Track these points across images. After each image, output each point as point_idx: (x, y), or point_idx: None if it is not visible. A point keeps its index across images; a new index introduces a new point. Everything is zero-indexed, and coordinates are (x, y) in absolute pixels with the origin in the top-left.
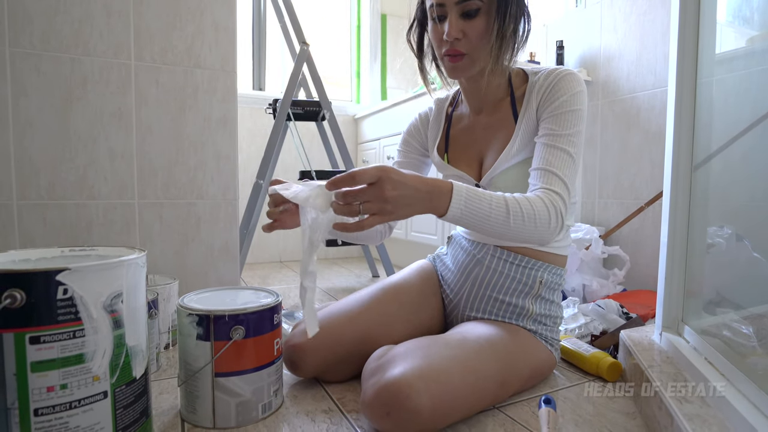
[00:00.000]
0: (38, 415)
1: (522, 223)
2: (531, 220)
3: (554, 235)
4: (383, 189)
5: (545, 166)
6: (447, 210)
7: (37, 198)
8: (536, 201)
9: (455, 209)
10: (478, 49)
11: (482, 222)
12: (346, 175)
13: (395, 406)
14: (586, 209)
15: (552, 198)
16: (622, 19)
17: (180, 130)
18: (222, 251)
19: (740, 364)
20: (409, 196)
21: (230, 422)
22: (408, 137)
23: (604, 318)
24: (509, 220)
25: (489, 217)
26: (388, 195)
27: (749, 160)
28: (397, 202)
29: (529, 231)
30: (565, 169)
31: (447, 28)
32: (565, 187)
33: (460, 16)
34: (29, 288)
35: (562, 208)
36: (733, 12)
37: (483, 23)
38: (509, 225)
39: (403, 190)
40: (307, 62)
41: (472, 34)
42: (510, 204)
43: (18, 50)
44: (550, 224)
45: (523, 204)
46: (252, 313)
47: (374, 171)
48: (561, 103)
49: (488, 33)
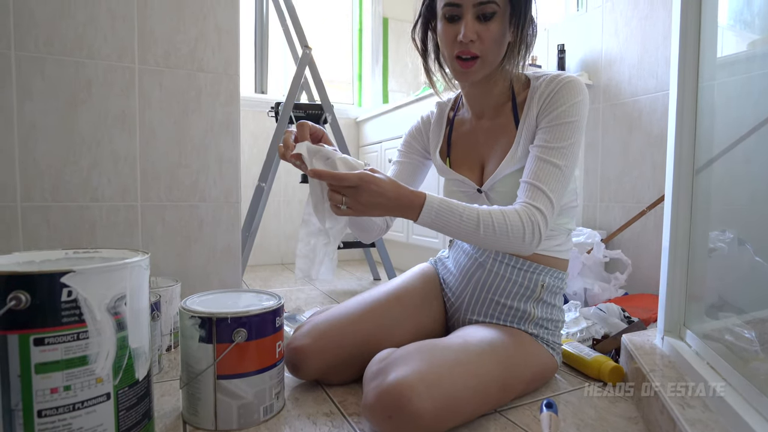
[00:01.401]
0: (42, 416)
1: (493, 234)
2: (503, 232)
3: (532, 248)
4: (360, 195)
5: (532, 180)
6: (417, 219)
7: (41, 200)
8: (511, 214)
9: (426, 217)
10: (490, 53)
11: (453, 232)
12: (330, 174)
13: (397, 410)
14: (588, 213)
15: (531, 213)
16: (623, 23)
17: (183, 133)
18: (224, 253)
19: (742, 369)
20: (380, 204)
21: (232, 425)
22: (410, 139)
23: (606, 322)
24: (479, 231)
25: (459, 228)
26: (362, 200)
27: (751, 163)
28: (370, 205)
29: (502, 242)
30: (552, 183)
31: (463, 29)
32: (549, 202)
33: (476, 18)
34: (34, 290)
35: (541, 223)
36: (734, 16)
37: (498, 27)
38: (479, 235)
39: (376, 198)
40: (309, 65)
41: (486, 37)
42: (482, 216)
43: (23, 54)
44: (525, 238)
45: (496, 217)
46: (254, 315)
47: (355, 179)
48: (558, 113)
49: (502, 36)
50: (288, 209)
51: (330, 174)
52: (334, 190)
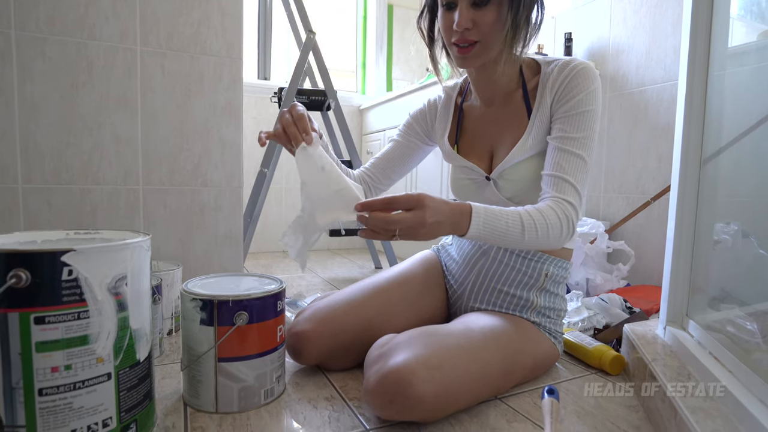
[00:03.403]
0: (42, 395)
1: (536, 236)
2: (544, 232)
3: (565, 242)
4: (424, 216)
5: (558, 173)
6: (467, 230)
7: (42, 182)
8: (549, 213)
9: (474, 230)
10: (490, 38)
11: (500, 238)
12: (381, 201)
13: (398, 394)
14: (592, 204)
15: (564, 208)
16: (632, 11)
17: (185, 116)
18: (226, 238)
19: (745, 359)
20: (442, 222)
21: (233, 407)
22: (412, 121)
23: (608, 312)
24: (524, 235)
25: (506, 234)
26: (428, 221)
27: (758, 155)
28: (433, 227)
29: (542, 242)
30: (578, 174)
31: (457, 17)
32: (578, 194)
33: (471, 5)
34: (34, 268)
35: (574, 217)
36: (745, 6)
37: (494, 12)
38: (524, 239)
39: (439, 217)
40: (313, 51)
41: (483, 23)
42: (524, 220)
43: (24, 33)
44: (562, 233)
45: (537, 218)
46: (256, 299)
47: (414, 197)
48: (576, 102)
49: (500, 22)
50: (290, 196)
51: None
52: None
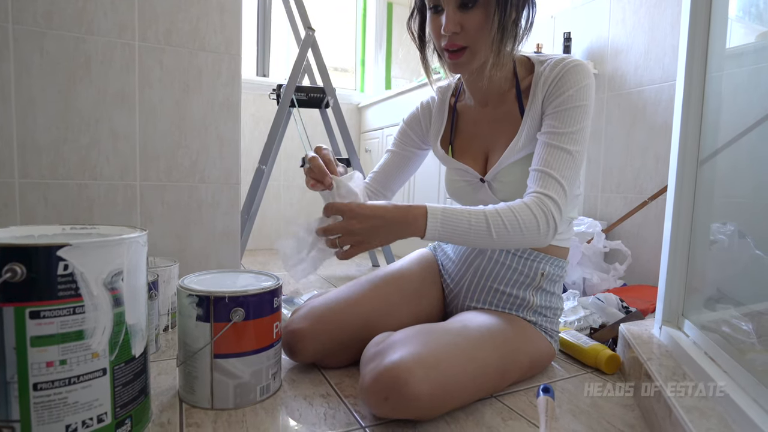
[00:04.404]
0: (37, 389)
1: (506, 233)
2: (516, 229)
3: (548, 239)
4: (349, 223)
5: (543, 167)
6: (424, 232)
7: (39, 177)
8: (521, 210)
9: (432, 230)
10: (478, 42)
11: (464, 238)
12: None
13: (394, 392)
14: (589, 203)
15: (542, 203)
16: (631, 11)
17: (183, 112)
18: (223, 235)
19: (740, 359)
20: (377, 227)
21: (228, 404)
22: (406, 128)
23: (604, 311)
24: (491, 233)
25: (469, 232)
26: (354, 228)
27: (755, 156)
28: (367, 233)
29: (517, 240)
30: (564, 169)
31: (444, 21)
32: (562, 189)
33: (457, 8)
34: (30, 262)
35: (555, 212)
36: (744, 7)
37: (482, 14)
38: (492, 237)
39: (369, 222)
40: (312, 48)
41: (470, 26)
42: (490, 217)
43: (21, 27)
44: (539, 230)
45: (505, 215)
46: (252, 295)
47: (339, 206)
48: (566, 98)
49: (488, 24)
50: (288, 194)
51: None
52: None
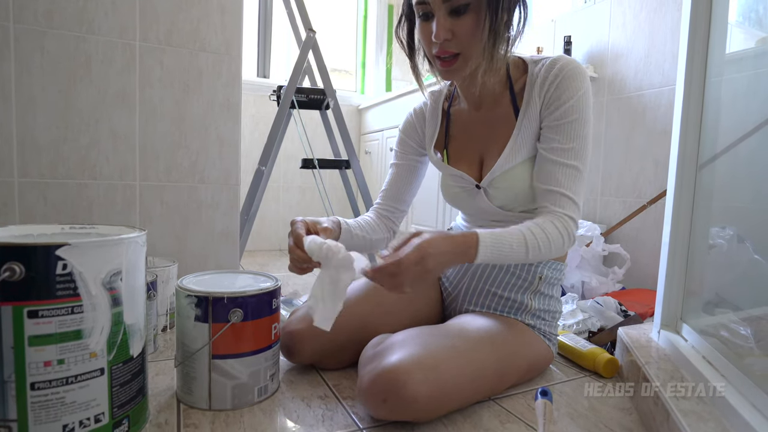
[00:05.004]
0: (35, 389)
1: (539, 252)
2: (547, 247)
3: (566, 252)
4: (426, 265)
5: (554, 187)
6: (476, 258)
7: (39, 176)
8: (551, 229)
9: (482, 257)
10: (470, 48)
11: (504, 259)
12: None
13: (392, 394)
14: (588, 207)
15: (565, 223)
16: (631, 15)
17: (183, 113)
18: (222, 236)
19: (738, 363)
20: (445, 262)
21: (226, 404)
22: (404, 136)
23: (603, 315)
24: (528, 254)
25: (510, 255)
26: (431, 268)
27: (754, 161)
28: (437, 269)
29: (545, 255)
30: (574, 186)
31: (434, 28)
32: (576, 206)
33: (448, 14)
34: (29, 262)
35: (574, 230)
36: (743, 13)
37: (473, 20)
38: (528, 257)
39: (441, 259)
40: (313, 50)
41: (461, 32)
42: (528, 240)
43: (22, 26)
44: (564, 246)
45: (539, 236)
46: (251, 296)
47: (416, 255)
48: (566, 109)
49: (479, 29)
50: (287, 195)
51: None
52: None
